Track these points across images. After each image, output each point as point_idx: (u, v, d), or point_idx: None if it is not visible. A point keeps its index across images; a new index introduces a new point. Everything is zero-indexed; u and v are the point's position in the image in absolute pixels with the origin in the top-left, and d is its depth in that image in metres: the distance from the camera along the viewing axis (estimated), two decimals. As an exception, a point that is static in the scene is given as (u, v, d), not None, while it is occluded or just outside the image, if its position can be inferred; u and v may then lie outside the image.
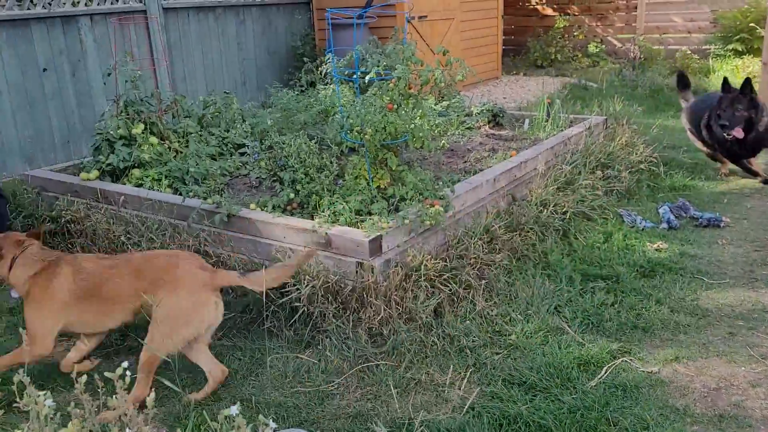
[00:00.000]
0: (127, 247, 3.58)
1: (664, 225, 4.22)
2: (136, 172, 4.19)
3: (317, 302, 2.96)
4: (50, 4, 6.01)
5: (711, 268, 3.66)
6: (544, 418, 2.42)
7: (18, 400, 1.46)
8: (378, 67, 3.71)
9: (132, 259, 2.77)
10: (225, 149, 4.62)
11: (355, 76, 3.82)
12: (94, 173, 4.19)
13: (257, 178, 4.22)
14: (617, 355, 2.85)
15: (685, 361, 2.81)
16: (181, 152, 4.46)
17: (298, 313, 2.98)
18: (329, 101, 5.17)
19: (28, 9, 5.84)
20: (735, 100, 4.81)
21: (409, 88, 3.60)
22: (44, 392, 1.40)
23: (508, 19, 11.73)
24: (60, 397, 2.69)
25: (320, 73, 6.20)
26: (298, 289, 2.98)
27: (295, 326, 3.02)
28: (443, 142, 4.39)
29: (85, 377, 1.46)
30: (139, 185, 4.10)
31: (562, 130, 5.11)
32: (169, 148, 4.45)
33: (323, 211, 3.36)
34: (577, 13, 11.79)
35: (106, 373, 1.40)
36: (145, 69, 5.06)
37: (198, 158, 4.33)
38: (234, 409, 1.30)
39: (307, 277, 2.97)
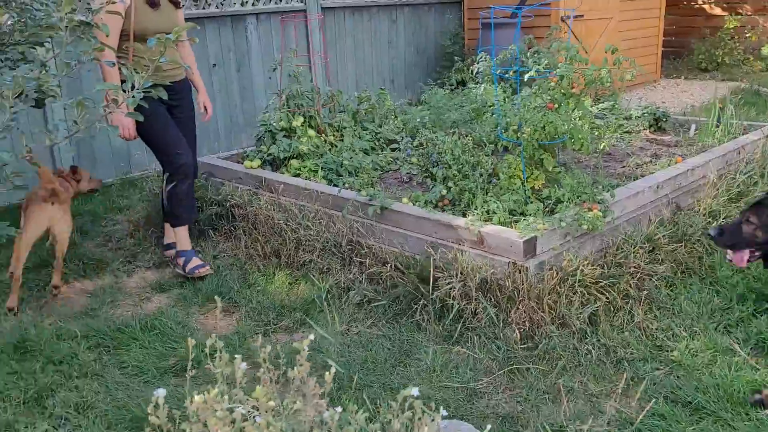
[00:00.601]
0: (286, 233, 3.76)
1: None
2: (294, 162, 4.39)
3: (469, 299, 2.94)
4: (222, 4, 6.48)
5: None
6: (713, 445, 2.24)
7: (209, 362, 1.58)
8: (539, 65, 3.61)
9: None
10: (377, 144, 4.73)
11: (515, 74, 3.74)
12: (257, 162, 4.45)
13: (407, 173, 4.28)
14: (799, 386, 2.57)
15: None
16: (336, 145, 4.62)
17: (449, 309, 2.98)
18: (480, 100, 5.12)
19: (203, 8, 6.33)
20: None
21: (571, 88, 3.48)
22: (237, 356, 1.49)
23: (670, 19, 10.99)
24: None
25: (471, 72, 6.16)
26: (450, 284, 2.98)
27: (443, 321, 3.02)
28: (603, 144, 4.19)
29: (268, 347, 1.55)
30: (297, 175, 4.30)
31: (734, 137, 4.70)
32: (325, 141, 4.63)
33: (476, 209, 3.33)
34: (750, 13, 10.81)
35: (295, 344, 1.47)
36: (304, 65, 5.29)
37: (352, 152, 4.46)
38: (415, 391, 1.31)
39: (460, 273, 2.96)
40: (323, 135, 4.64)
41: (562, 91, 3.40)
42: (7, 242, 3.16)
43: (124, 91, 2.22)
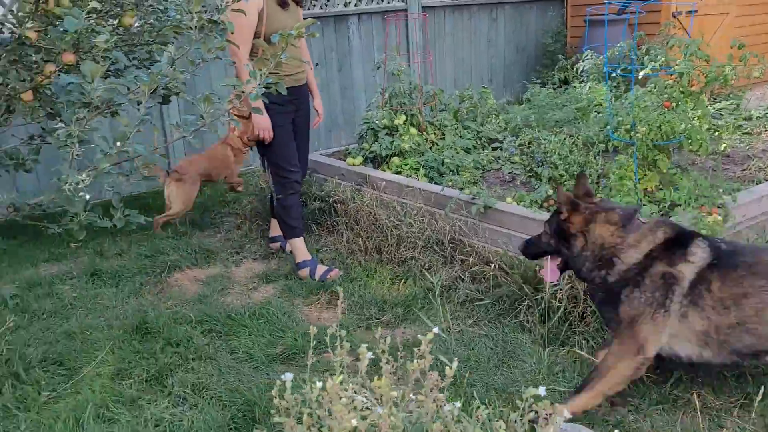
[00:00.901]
0: (387, 230, 3.80)
1: None
2: (396, 160, 4.43)
3: (576, 302, 2.87)
4: (326, 5, 6.63)
5: None
6: None
7: (330, 350, 1.62)
8: (655, 63, 3.46)
9: None
10: (478, 143, 4.69)
11: (628, 72, 3.61)
12: (359, 159, 4.53)
13: (510, 173, 4.22)
14: None
15: None
16: (437, 144, 4.63)
17: (554, 311, 2.91)
18: (586, 99, 4.97)
19: (308, 9, 6.51)
20: None
21: (691, 86, 3.31)
22: (365, 344, 1.52)
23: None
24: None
25: (575, 71, 6.00)
26: (556, 285, 2.91)
27: (548, 323, 2.96)
28: (723, 146, 3.96)
29: (388, 339, 1.57)
30: (398, 173, 4.34)
31: None
32: (426, 139, 4.64)
33: (584, 210, 3.23)
34: None
35: (420, 336, 1.49)
36: (405, 64, 5.32)
37: (453, 150, 4.45)
38: (542, 390, 1.29)
39: (567, 275, 2.89)
40: (424, 133, 4.66)
41: (681, 89, 3.24)
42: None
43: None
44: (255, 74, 2.36)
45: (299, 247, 3.83)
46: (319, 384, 1.54)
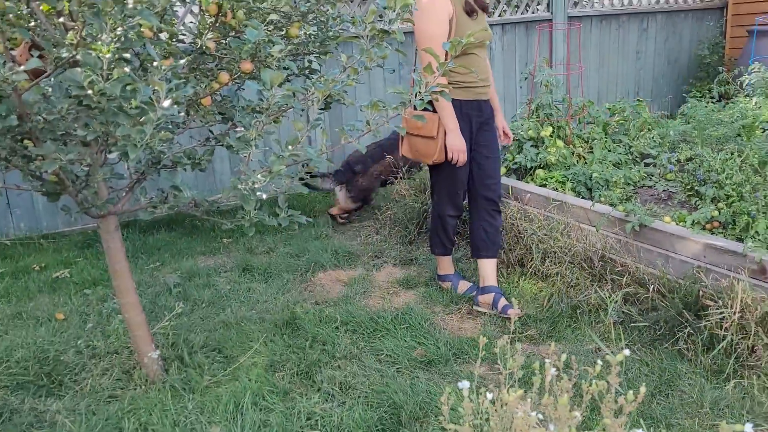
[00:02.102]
0: (532, 243, 3.72)
1: None
2: (541, 172, 4.33)
3: (745, 333, 2.65)
4: (471, 16, 6.63)
5: None
6: None
7: (498, 363, 1.60)
8: None
9: None
10: (629, 158, 4.48)
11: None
12: (502, 170, 4.47)
13: (665, 190, 3.99)
14: None
15: None
16: (584, 158, 4.47)
17: (719, 340, 2.71)
18: (752, 115, 4.60)
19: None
20: None
21: None
22: (547, 360, 1.49)
23: None
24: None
25: (739, 84, 5.57)
26: (722, 314, 2.71)
27: (711, 353, 2.75)
28: None
29: (563, 355, 1.53)
30: (543, 185, 4.24)
31: None
32: (573, 152, 4.50)
33: (756, 235, 2.99)
34: None
35: (608, 356, 1.43)
36: (551, 75, 5.18)
37: (602, 165, 4.28)
38: (749, 427, 1.20)
39: (736, 302, 2.68)
40: (571, 146, 4.52)
41: None
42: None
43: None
44: (420, 82, 2.40)
45: (443, 261, 3.78)
46: (489, 395, 1.53)
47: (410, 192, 4.76)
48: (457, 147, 3.21)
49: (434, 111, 3.23)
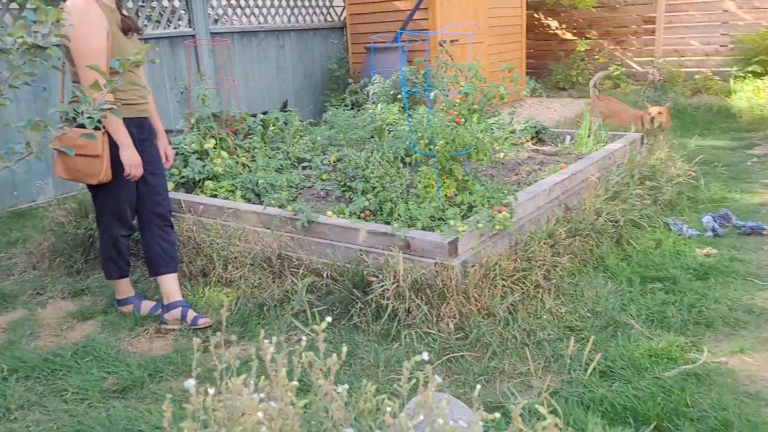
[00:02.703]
0: (212, 252, 3.81)
1: (709, 233, 4.44)
2: (210, 184, 4.44)
3: (402, 299, 3.18)
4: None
5: (761, 272, 3.87)
6: (627, 400, 2.62)
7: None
8: (443, 85, 3.97)
9: None
10: (288, 163, 4.88)
11: (423, 93, 4.07)
12: (170, 185, 4.44)
13: (323, 189, 4.47)
14: (685, 348, 3.05)
15: (750, 353, 3.01)
16: (248, 166, 4.73)
17: (384, 309, 3.20)
18: (380, 119, 5.44)
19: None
20: None
21: (473, 104, 3.86)
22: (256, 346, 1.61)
23: (529, 44, 12.06)
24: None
25: (366, 93, 6.49)
26: (383, 286, 3.21)
27: (380, 321, 3.24)
28: (502, 154, 4.64)
29: (274, 339, 1.69)
30: (214, 196, 4.35)
31: (604, 145, 5.36)
32: (237, 162, 4.72)
33: (399, 217, 3.60)
34: (596, 37, 12.12)
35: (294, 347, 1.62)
36: (205, 89, 5.32)
37: (266, 171, 4.59)
38: (425, 355, 1.51)
39: (392, 275, 3.20)
40: (235, 156, 4.73)
41: (468, 107, 3.77)
42: None
43: (79, 113, 2.26)
44: (84, 99, 2.30)
45: (121, 285, 3.63)
46: (211, 390, 1.61)
47: (69, 218, 4.39)
48: (134, 162, 3.15)
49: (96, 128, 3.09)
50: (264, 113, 5.42)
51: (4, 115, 5.42)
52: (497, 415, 1.67)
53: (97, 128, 3.08)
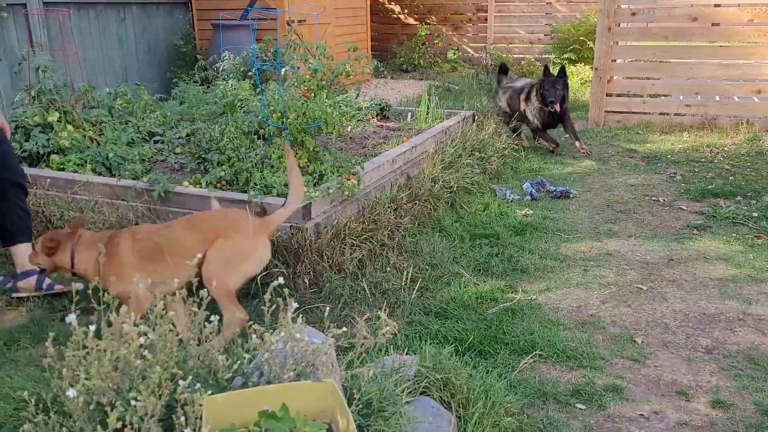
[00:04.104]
0: (64, 224, 3.80)
1: (528, 197, 5.14)
2: (56, 157, 4.36)
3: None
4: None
5: (566, 227, 4.59)
6: (456, 332, 3.11)
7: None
8: (293, 61, 4.23)
9: (186, 219, 3.04)
10: (139, 137, 4.89)
11: (275, 69, 4.30)
12: (11, 159, 4.30)
13: (176, 162, 4.56)
14: (505, 290, 3.62)
15: (554, 290, 3.65)
16: (96, 140, 4.68)
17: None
18: (232, 95, 5.58)
19: None
20: (556, 82, 6.21)
21: (322, 80, 4.17)
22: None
23: (374, 27, 12.56)
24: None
25: (216, 70, 6.55)
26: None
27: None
28: (350, 128, 4.99)
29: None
30: (61, 170, 4.29)
31: (440, 122, 5.92)
32: (84, 136, 4.65)
33: (255, 185, 3.83)
34: (435, 23, 12.91)
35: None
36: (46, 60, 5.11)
37: (116, 145, 4.58)
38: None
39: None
40: (81, 129, 4.65)
41: (317, 83, 4.07)
42: None
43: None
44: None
45: None
46: (92, 327, 1.79)
47: None
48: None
49: None
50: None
51: None
52: (344, 329, 2.03)
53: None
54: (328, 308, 2.21)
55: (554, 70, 6.57)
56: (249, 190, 3.78)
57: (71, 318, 1.71)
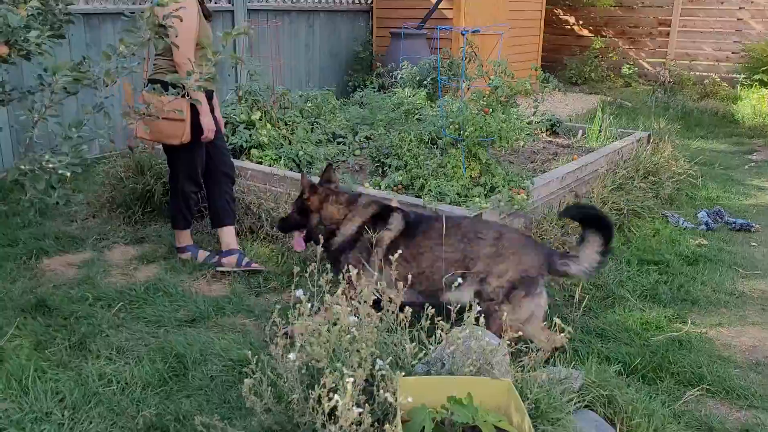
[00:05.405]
0: (260, 212, 4.30)
1: (703, 227, 4.93)
2: (255, 152, 4.92)
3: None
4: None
5: (745, 262, 4.36)
6: (620, 355, 3.13)
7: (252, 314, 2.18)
8: (473, 76, 4.44)
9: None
10: (325, 138, 5.35)
11: (460, 85, 4.53)
12: (220, 150, 4.92)
13: (356, 163, 4.95)
14: (672, 320, 3.56)
15: (727, 327, 3.52)
16: (289, 138, 5.20)
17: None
18: (408, 102, 5.90)
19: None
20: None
21: (502, 97, 4.33)
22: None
23: (545, 37, 12.44)
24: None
25: (392, 77, 6.94)
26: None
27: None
28: (523, 143, 5.11)
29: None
30: (259, 163, 4.83)
31: (613, 141, 5.83)
32: (279, 134, 5.19)
33: (429, 192, 4.08)
34: (611, 36, 12.51)
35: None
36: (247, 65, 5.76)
37: (305, 144, 5.06)
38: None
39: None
40: (277, 128, 5.20)
41: (496, 99, 4.23)
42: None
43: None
44: (169, 70, 2.77)
45: (183, 234, 4.10)
46: (308, 305, 2.11)
47: (128, 174, 4.85)
48: (212, 126, 3.70)
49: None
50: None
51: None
52: (514, 334, 2.16)
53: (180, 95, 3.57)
54: (504, 314, 2.38)
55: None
56: (423, 196, 4.04)
57: (299, 293, 2.03)
